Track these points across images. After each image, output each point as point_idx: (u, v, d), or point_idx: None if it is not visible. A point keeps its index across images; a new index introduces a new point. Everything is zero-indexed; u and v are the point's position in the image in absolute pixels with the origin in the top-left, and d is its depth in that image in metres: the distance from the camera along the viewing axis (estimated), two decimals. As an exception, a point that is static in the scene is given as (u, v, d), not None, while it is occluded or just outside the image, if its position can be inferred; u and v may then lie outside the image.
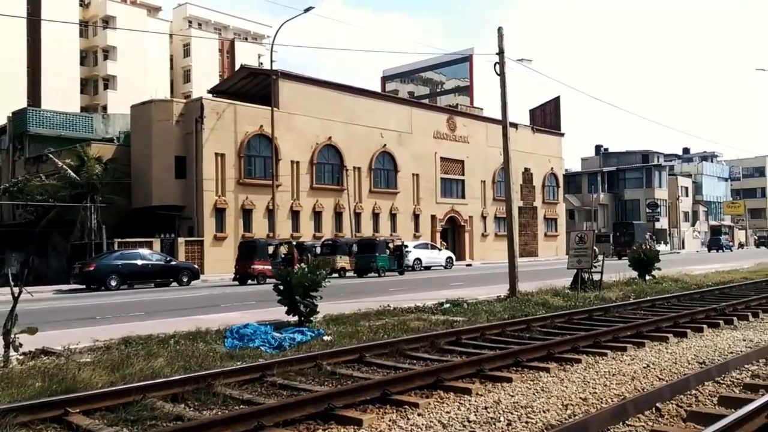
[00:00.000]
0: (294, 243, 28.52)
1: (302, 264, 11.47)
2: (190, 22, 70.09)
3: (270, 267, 24.76)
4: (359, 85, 42.89)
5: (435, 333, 9.74)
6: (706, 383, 6.47)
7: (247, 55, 65.54)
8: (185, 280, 25.96)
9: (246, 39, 74.20)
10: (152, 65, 61.84)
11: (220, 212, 33.92)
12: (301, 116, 37.17)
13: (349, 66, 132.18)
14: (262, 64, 60.65)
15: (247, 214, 34.95)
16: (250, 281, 25.84)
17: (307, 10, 30.18)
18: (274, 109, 32.64)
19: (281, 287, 11.02)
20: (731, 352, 8.30)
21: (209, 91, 40.44)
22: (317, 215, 38.14)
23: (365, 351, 8.32)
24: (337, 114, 39.09)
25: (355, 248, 30.43)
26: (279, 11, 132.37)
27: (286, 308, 11.16)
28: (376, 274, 29.15)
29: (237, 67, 50.27)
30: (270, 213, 33.79)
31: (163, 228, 32.72)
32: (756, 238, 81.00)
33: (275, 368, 7.29)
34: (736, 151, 77.26)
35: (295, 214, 37.01)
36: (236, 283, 26.20)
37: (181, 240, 32.36)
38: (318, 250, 30.13)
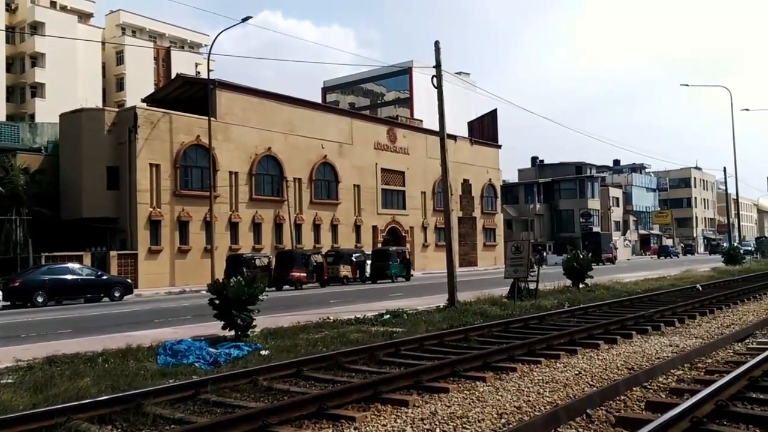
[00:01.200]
0: (323, 254, 32.60)
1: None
2: (123, 29, 68.12)
3: (305, 274, 28.95)
4: (299, 96, 42.63)
5: (374, 345, 9.71)
6: (634, 388, 6.68)
7: (183, 64, 64.24)
8: (117, 295, 25.04)
9: (182, 47, 72.75)
10: (83, 73, 59.75)
11: (154, 224, 32.97)
12: (239, 126, 36.66)
13: (289, 77, 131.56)
14: (199, 73, 59.60)
15: (183, 226, 34.11)
16: (286, 287, 28.59)
17: (244, 20, 29.88)
18: (212, 119, 32.08)
19: (217, 301, 10.77)
20: (658, 358, 8.60)
21: (143, 100, 39.39)
22: (257, 227, 37.60)
23: (303, 365, 8.21)
24: (276, 124, 38.76)
25: (355, 257, 33.39)
26: (217, 21, 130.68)
27: (222, 323, 10.92)
28: (390, 280, 32.48)
29: (173, 75, 49.17)
30: (207, 225, 33.09)
31: (95, 241, 31.55)
32: (683, 246, 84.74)
33: (209, 385, 7.10)
34: (663, 163, 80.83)
35: (233, 226, 36.37)
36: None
37: (113, 253, 31.25)
38: (257, 261, 29.74)
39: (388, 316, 13.98)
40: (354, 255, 33.57)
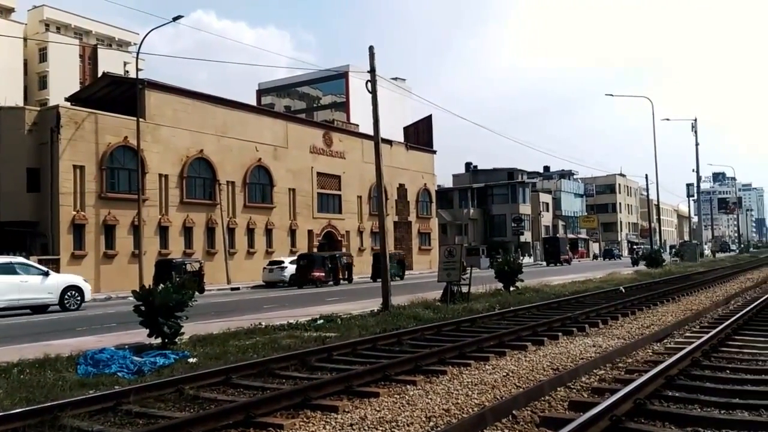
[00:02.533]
0: (336, 254, 36.09)
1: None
2: (47, 25, 65.21)
3: (324, 274, 32.70)
4: (233, 98, 41.88)
5: (306, 350, 9.61)
6: (558, 388, 6.86)
7: (111, 63, 62.05)
8: (38, 302, 23.75)
9: (110, 46, 70.27)
10: (3, 70, 56.81)
11: (78, 228, 31.64)
12: (170, 128, 35.69)
13: (223, 79, 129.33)
14: (128, 72, 57.75)
15: (109, 230, 32.88)
16: (306, 285, 31.87)
17: (175, 19, 29.11)
18: (140, 119, 31.08)
19: (142, 308, 10.40)
20: (582, 358, 8.88)
21: (68, 99, 37.78)
22: (188, 231, 36.66)
23: (232, 372, 8.02)
24: (209, 126, 37.96)
25: (343, 260, 36.53)
26: (148, 19, 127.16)
27: (148, 330, 10.55)
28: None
29: (100, 74, 47.40)
30: (136, 229, 32.03)
31: (13, 246, 29.93)
32: (607, 250, 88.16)
33: (132, 395, 6.84)
34: (590, 170, 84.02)
35: (163, 230, 35.33)
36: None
37: (33, 258, 29.73)
38: (188, 267, 29.00)
39: (321, 321, 13.87)
40: (344, 257, 37.17)
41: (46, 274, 21.07)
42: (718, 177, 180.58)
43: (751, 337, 10.06)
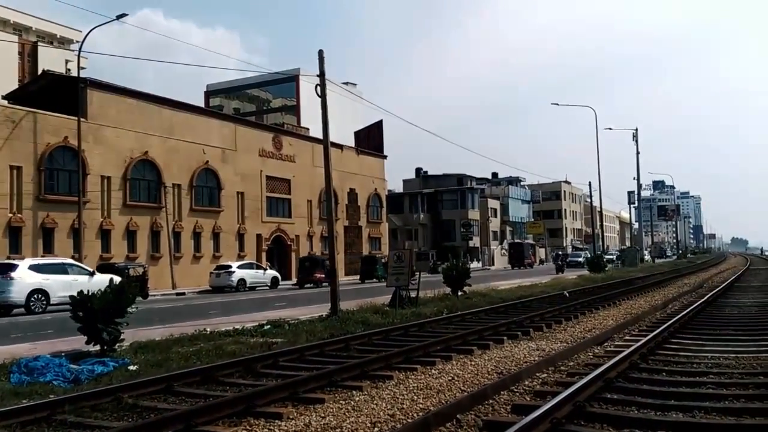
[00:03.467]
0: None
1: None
2: (-17, 19, 62.57)
3: (324, 275, 32.86)
4: (180, 99, 40.98)
5: (252, 357, 9.48)
6: (502, 392, 6.95)
7: (52, 61, 59.87)
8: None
9: (51, 43, 67.86)
10: (-66, 64, 54.08)
11: (14, 231, 30.35)
12: (113, 128, 34.66)
13: (171, 79, 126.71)
14: (69, 71, 55.89)
15: (48, 233, 31.67)
16: (307, 285, 35.46)
17: (119, 17, 28.35)
18: (82, 119, 30.11)
19: (80, 314, 10.05)
20: (526, 362, 9.03)
21: (5, 97, 36.24)
22: (131, 234, 35.64)
23: (174, 380, 7.83)
24: (154, 128, 37.05)
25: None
26: (91, 16, 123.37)
27: (86, 337, 10.20)
28: (375, 280, 37.82)
29: (40, 72, 45.68)
30: (76, 232, 30.95)
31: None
32: (554, 255, 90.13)
33: (67, 405, 6.61)
34: (536, 177, 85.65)
35: (105, 234, 34.24)
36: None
37: (-35, 263, 28.39)
38: (131, 271, 28.19)
39: (268, 326, 13.71)
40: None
41: (92, 273, 23.21)
42: (658, 185, 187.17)
43: (686, 341, 10.43)
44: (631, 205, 70.53)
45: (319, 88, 16.30)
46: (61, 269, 22.97)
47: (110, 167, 34.49)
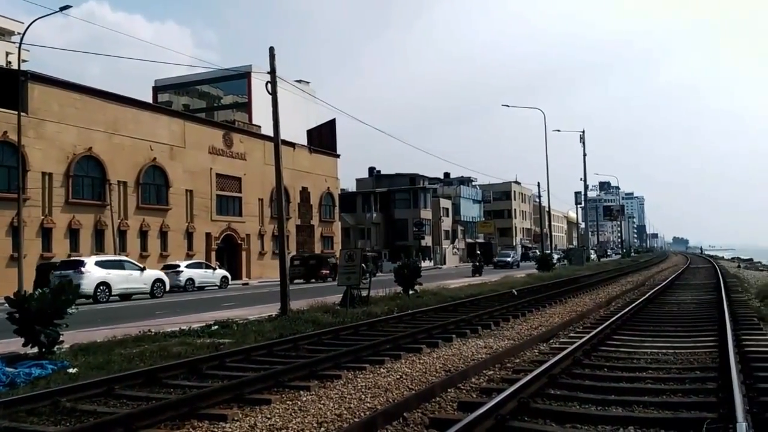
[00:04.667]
0: (328, 256, 41.39)
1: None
2: None
3: (329, 272, 37.53)
4: (127, 94, 39.87)
5: (198, 357, 9.29)
6: (449, 390, 7.01)
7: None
8: None
9: (-10, 33, 65.03)
10: None
11: (-51, 229, 29.03)
12: (55, 123, 33.53)
13: (118, 74, 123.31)
14: (10, 63, 53.66)
15: (-15, 231, 30.40)
16: (312, 280, 38.64)
17: (63, 9, 27.32)
18: (22, 113, 28.90)
19: (17, 315, 9.66)
20: (473, 360, 9.13)
21: (-62, 89, 34.58)
22: (74, 233, 34.53)
23: (115, 382, 7.60)
24: (99, 123, 35.99)
25: (331, 260, 39.95)
26: (34, 8, 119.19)
27: (23, 339, 9.81)
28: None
29: (-23, 63, 43.78)
30: (15, 230, 29.76)
31: None
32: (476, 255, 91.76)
33: (1, 409, 6.34)
34: (488, 177, 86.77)
35: (46, 232, 33.09)
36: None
37: None
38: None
39: (216, 326, 13.46)
40: (329, 258, 41.69)
41: (143, 269, 27.54)
42: (604, 186, 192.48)
43: (628, 337, 10.74)
44: (578, 206, 72.25)
45: (269, 85, 16.12)
46: (119, 265, 26.72)
47: (52, 163, 33.35)
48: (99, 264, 25.62)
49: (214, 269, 37.01)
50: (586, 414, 5.85)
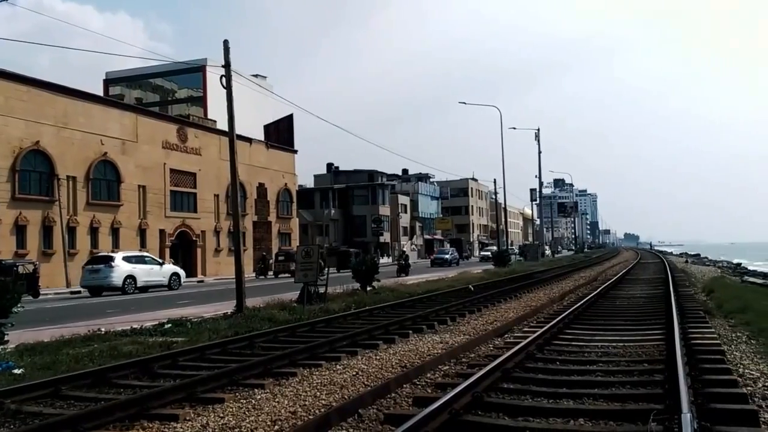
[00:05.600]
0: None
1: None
2: None
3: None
4: (77, 87, 38.68)
5: (149, 357, 9.09)
6: (404, 385, 7.03)
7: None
8: None
9: (-70, 20, 62.22)
10: None
11: None
12: (1, 117, 32.31)
13: (68, 66, 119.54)
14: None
15: (-76, 228, 29.12)
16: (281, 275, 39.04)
17: (6, -3, 26.29)
18: (-35, 105, 27.83)
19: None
20: (429, 355, 9.18)
21: None
22: (20, 229, 33.37)
23: (62, 383, 7.37)
24: (47, 116, 34.84)
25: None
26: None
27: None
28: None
29: None
30: (-43, 227, 28.63)
31: None
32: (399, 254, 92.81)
33: (-61, 414, 6.07)
34: (445, 174, 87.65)
35: (-9, 229, 31.90)
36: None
37: None
38: (20, 269, 26.39)
39: (169, 325, 13.21)
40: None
41: (161, 264, 30.53)
42: (558, 183, 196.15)
43: (580, 331, 10.97)
44: (533, 202, 73.56)
45: (224, 79, 15.88)
46: (142, 260, 29.14)
47: (-4, 157, 32.14)
48: (125, 259, 27.99)
49: (162, 264, 35.33)
50: (538, 407, 5.94)
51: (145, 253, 31.89)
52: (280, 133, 58.11)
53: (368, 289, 21.00)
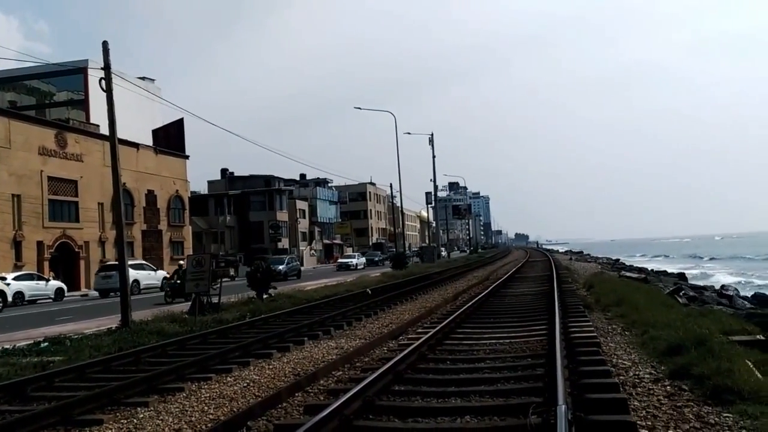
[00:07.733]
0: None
1: None
2: None
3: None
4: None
5: (22, 379, 8.44)
6: (296, 394, 6.94)
7: None
8: None
9: None
10: None
11: None
12: None
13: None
14: None
15: None
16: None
17: None
18: None
19: None
20: (324, 361, 9.13)
21: None
22: None
23: None
24: None
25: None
26: None
27: None
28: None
29: None
30: None
31: None
32: (360, 254, 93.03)
33: None
34: (343, 179, 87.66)
35: None
36: None
37: None
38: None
39: (46, 344, 12.34)
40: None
41: (156, 270, 35.12)
42: (453, 186, 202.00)
43: (470, 330, 11.31)
44: (429, 205, 75.24)
45: (104, 81, 15.07)
46: (142, 267, 33.72)
47: None
48: (131, 266, 29.16)
49: (48, 281, 33.82)
50: (427, 407, 6.05)
51: (143, 261, 37.35)
52: (170, 138, 55.91)
53: (264, 296, 20.61)
